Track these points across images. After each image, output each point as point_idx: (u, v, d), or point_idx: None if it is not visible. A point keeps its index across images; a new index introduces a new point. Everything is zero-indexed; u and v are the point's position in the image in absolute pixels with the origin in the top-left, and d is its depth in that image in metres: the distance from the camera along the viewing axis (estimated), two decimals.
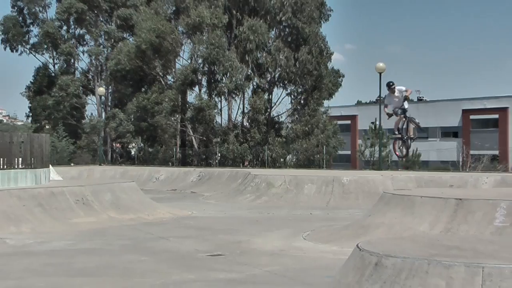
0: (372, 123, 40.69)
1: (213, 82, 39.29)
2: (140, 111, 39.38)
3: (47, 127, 45.82)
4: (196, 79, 39.22)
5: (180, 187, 29.01)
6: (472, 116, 49.04)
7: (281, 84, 40.09)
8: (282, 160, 38.39)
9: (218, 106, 39.81)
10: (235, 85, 37.24)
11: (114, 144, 46.57)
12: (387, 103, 15.02)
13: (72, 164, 38.26)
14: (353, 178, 21.98)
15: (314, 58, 37.96)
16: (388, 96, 14.86)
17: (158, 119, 38.79)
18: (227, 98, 39.60)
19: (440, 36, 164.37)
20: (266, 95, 39.50)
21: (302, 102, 40.02)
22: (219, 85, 38.33)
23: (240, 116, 40.31)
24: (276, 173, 25.20)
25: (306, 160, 37.68)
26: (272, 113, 40.32)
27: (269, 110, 39.71)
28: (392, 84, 14.35)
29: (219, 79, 38.87)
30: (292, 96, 40.51)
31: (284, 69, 38.02)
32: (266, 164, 35.85)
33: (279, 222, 15.71)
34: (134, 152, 45.49)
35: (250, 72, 38.95)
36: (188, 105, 39.83)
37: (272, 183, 22.53)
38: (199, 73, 39.36)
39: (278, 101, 40.54)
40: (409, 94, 14.63)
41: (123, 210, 16.33)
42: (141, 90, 40.89)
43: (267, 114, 39.20)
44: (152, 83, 40.34)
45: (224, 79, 38.10)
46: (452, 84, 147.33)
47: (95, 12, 44.07)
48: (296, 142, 38.35)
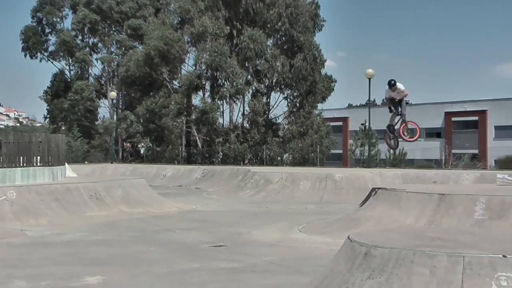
0: (362, 124, 40.68)
1: (216, 86, 39.27)
2: (149, 113, 39.36)
3: (63, 128, 45.74)
4: (200, 84, 39.20)
5: (185, 183, 28.98)
6: (453, 118, 49.04)
7: (278, 89, 40.03)
8: (279, 158, 38.35)
9: (220, 109, 39.81)
10: (236, 89, 37.27)
11: (124, 143, 46.55)
12: (387, 95, 13.19)
13: (86, 162, 38.23)
14: (344, 175, 21.97)
15: (309, 65, 37.90)
16: (387, 90, 13.04)
17: (165, 121, 38.80)
18: (229, 102, 39.58)
19: (424, 45, 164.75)
20: (264, 99, 39.45)
21: (298, 105, 39.97)
22: (221, 89, 38.31)
23: (240, 118, 40.31)
24: (273, 170, 25.18)
25: (301, 159, 37.65)
26: (270, 115, 40.29)
27: (267, 113, 39.67)
28: (394, 83, 12.53)
29: (221, 84, 38.87)
30: (289, 99, 40.47)
31: (281, 74, 37.99)
32: (265, 162, 35.82)
33: (276, 215, 15.70)
34: (143, 151, 45.42)
35: (249, 77, 38.92)
36: (193, 108, 39.80)
37: (270, 179, 22.51)
38: (203, 78, 39.32)
39: (275, 104, 40.55)
40: (405, 95, 12.92)
41: (133, 205, 16.32)
42: (149, 94, 40.83)
43: (265, 116, 39.16)
44: (160, 88, 40.29)
45: (226, 84, 38.10)
46: (435, 89, 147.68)
47: (107, 22, 44.03)
48: (292, 142, 38.33)
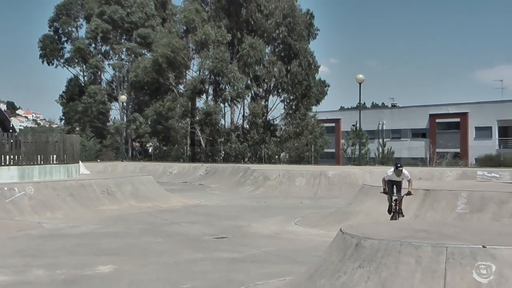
0: (353, 125, 40.69)
1: (218, 90, 39.23)
2: (156, 115, 39.32)
3: (77, 129, 45.68)
4: (204, 88, 39.19)
5: (190, 180, 28.99)
6: (437, 120, 48.92)
7: (275, 92, 39.99)
8: (277, 157, 38.31)
9: (222, 111, 39.75)
10: (236, 93, 37.25)
11: (134, 143, 46.55)
12: (386, 178, 11.02)
13: (98, 160, 38.19)
14: (337, 172, 22.00)
15: (304, 70, 37.86)
16: (392, 173, 10.89)
17: (172, 122, 38.79)
18: (230, 104, 39.54)
19: (411, 52, 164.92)
20: (263, 102, 39.40)
21: (294, 107, 39.91)
22: (223, 93, 38.29)
23: (241, 120, 40.25)
24: (271, 168, 25.19)
25: (297, 157, 37.60)
26: (268, 117, 40.23)
27: (265, 115, 39.63)
28: (400, 166, 10.80)
29: (223, 88, 38.83)
30: (285, 102, 40.41)
31: (278, 79, 37.94)
32: (263, 160, 35.79)
33: (274, 209, 15.72)
34: (151, 150, 45.37)
35: (249, 82, 38.88)
36: (197, 110, 39.77)
37: (268, 176, 22.53)
38: (206, 83, 39.28)
39: (273, 106, 40.48)
40: (410, 187, 10.90)
41: (142, 199, 16.34)
42: (157, 98, 40.78)
43: (264, 118, 39.12)
44: (166, 92, 40.25)
45: (228, 88, 38.08)
46: (421, 92, 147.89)
47: (118, 31, 43.95)
48: (289, 141, 38.30)
